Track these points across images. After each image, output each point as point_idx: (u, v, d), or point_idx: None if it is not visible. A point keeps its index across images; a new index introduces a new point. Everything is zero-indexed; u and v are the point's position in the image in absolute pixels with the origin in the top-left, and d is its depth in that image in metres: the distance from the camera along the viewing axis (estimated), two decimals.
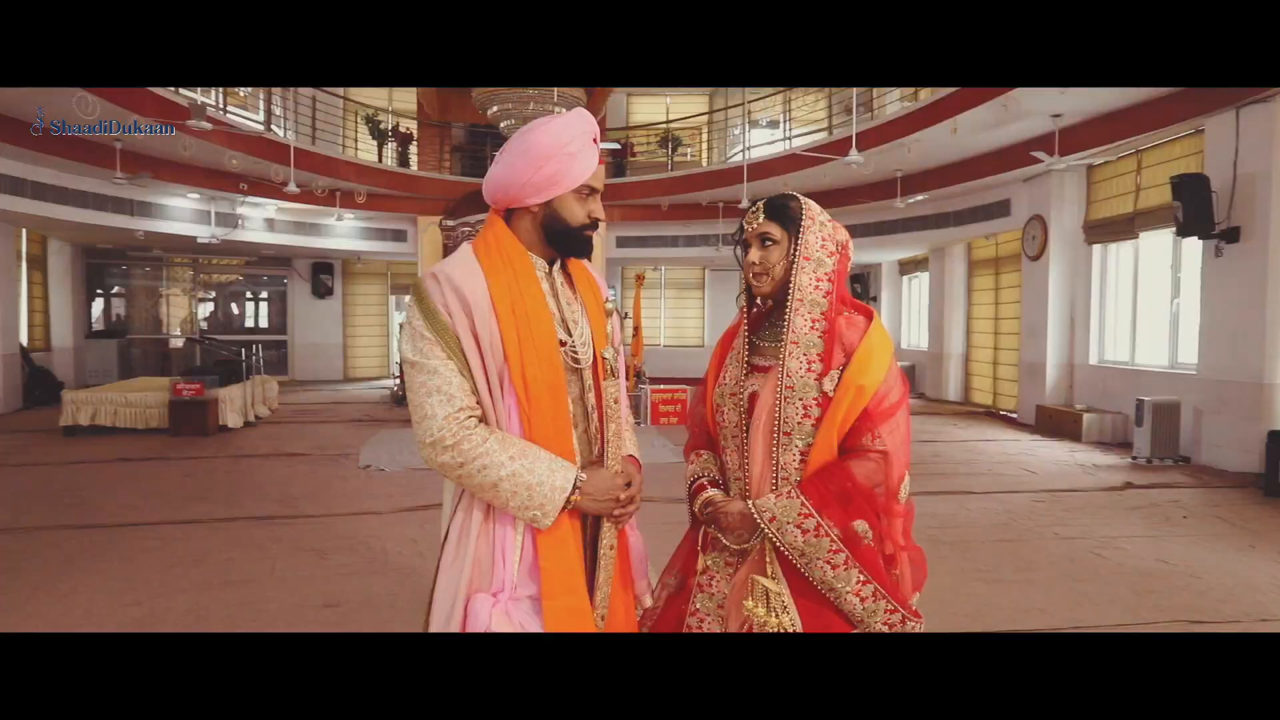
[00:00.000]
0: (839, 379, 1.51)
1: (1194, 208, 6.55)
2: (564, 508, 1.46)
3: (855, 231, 12.67)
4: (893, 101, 10.96)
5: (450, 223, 12.17)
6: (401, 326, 1.50)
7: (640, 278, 10.88)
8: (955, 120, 8.04)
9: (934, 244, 12.30)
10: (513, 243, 1.53)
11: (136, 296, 15.01)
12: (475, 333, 1.44)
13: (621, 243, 14.64)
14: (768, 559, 1.54)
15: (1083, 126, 7.97)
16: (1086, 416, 8.35)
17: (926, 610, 1.62)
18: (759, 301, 1.68)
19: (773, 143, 13.64)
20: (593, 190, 1.53)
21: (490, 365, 1.46)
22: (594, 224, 1.56)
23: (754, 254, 1.61)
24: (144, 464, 6.88)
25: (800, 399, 1.53)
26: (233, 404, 8.88)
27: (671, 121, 14.67)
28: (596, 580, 1.55)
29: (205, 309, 15.78)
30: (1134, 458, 7.26)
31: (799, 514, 1.48)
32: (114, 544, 4.43)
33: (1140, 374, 8.26)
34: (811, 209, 1.61)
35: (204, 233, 11.46)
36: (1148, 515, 5.25)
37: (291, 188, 9.64)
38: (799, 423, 1.53)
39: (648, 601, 1.73)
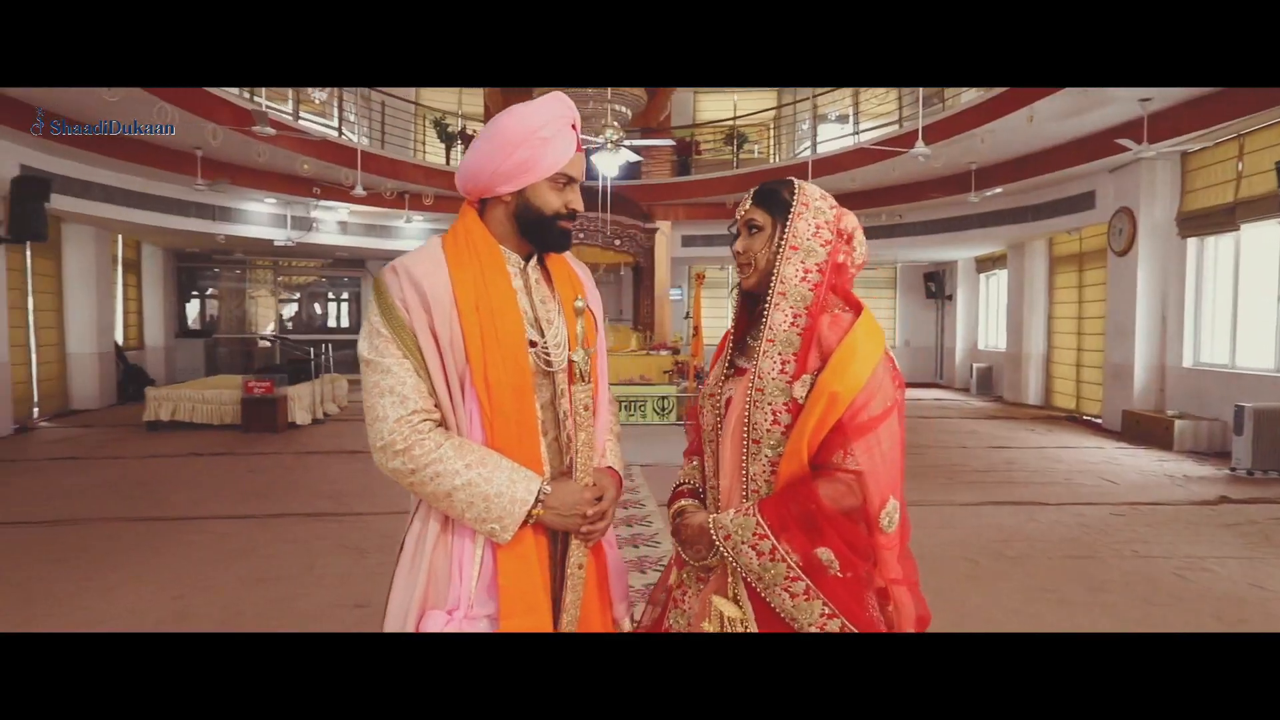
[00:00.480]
0: (811, 384, 1.33)
1: None
2: (525, 522, 1.34)
3: (928, 228, 12.28)
4: (965, 90, 10.44)
5: None
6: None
7: (700, 276, 10.68)
8: (1032, 108, 7.57)
9: (1012, 240, 11.68)
10: (483, 235, 1.42)
11: (225, 298, 15.71)
12: (434, 330, 1.34)
13: (687, 242, 14.47)
14: (729, 579, 1.39)
15: (1175, 110, 7.38)
16: (1179, 423, 7.72)
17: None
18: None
19: (841, 138, 13.24)
20: (570, 180, 1.42)
21: (450, 366, 1.36)
22: (571, 215, 1.44)
23: (739, 242, 1.47)
24: (213, 459, 7.12)
25: (770, 403, 1.37)
26: (301, 401, 9.13)
27: (738, 118, 14.40)
28: (563, 601, 1.42)
29: (289, 309, 16.39)
30: (1232, 469, 6.66)
31: (754, 534, 1.32)
32: (169, 537, 4.55)
33: (1241, 377, 7.58)
34: (807, 194, 1.43)
35: (280, 236, 11.87)
36: (1245, 534, 4.76)
37: (359, 190, 9.86)
38: (768, 430, 1.37)
39: (627, 625, 1.59)
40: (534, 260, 1.48)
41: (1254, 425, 6.51)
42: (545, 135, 1.36)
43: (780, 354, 1.37)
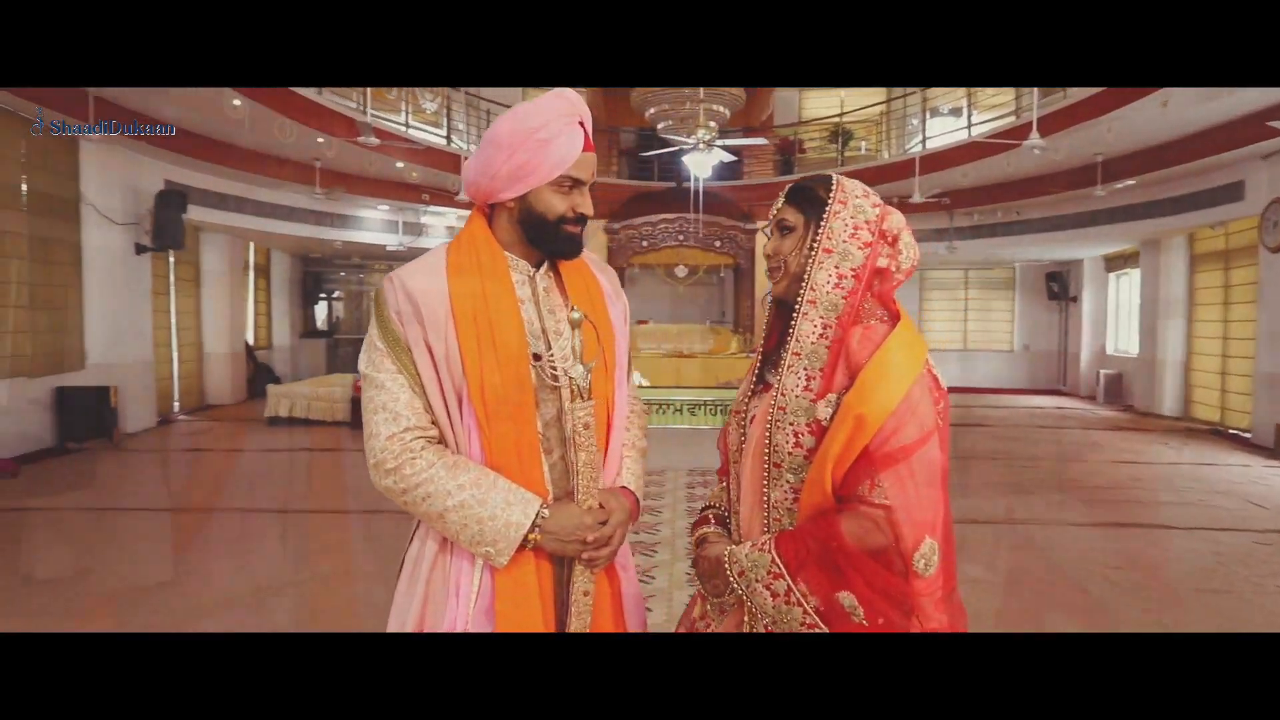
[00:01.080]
0: (837, 404, 1.17)
1: None
2: (522, 546, 1.26)
3: (1049, 224, 11.45)
4: None
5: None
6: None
7: None
8: (1166, 93, 6.85)
9: (1145, 236, 10.67)
10: (487, 241, 1.35)
11: (347, 300, 16.59)
12: (428, 343, 1.28)
13: None
14: (746, 618, 1.25)
15: None
16: None
17: None
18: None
19: (953, 131, 12.52)
20: (576, 182, 1.33)
21: (446, 380, 1.28)
22: (579, 219, 1.35)
23: (769, 244, 1.31)
24: (321, 454, 7.47)
25: (791, 424, 1.21)
26: None
27: (844, 115, 13.89)
28: (568, 629, 1.31)
29: None
30: None
31: (768, 572, 1.17)
32: (268, 530, 4.77)
33: None
34: (847, 190, 1.28)
35: (393, 240, 12.39)
36: None
37: (462, 195, 10.14)
38: (790, 453, 1.21)
39: None
40: (544, 268, 1.39)
41: None
42: (544, 137, 1.28)
43: (806, 369, 1.22)
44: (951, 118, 13.24)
